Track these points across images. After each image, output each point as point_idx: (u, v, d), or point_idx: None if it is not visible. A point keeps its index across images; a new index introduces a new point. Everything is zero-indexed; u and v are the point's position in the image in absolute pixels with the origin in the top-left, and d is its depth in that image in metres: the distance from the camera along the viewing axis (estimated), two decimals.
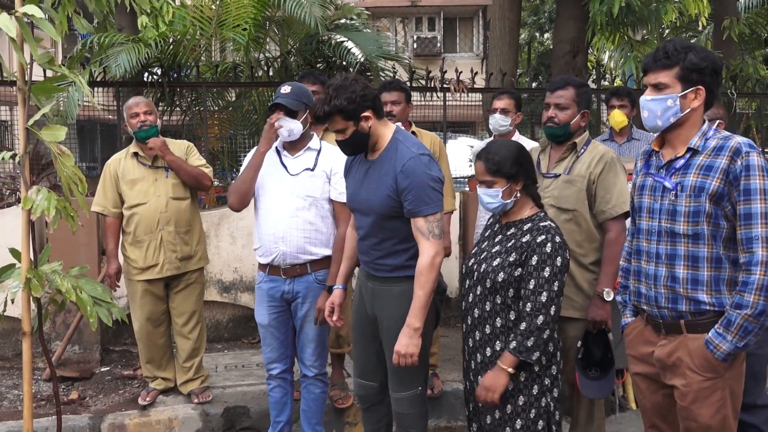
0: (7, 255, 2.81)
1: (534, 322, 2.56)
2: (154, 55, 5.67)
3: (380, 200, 2.82)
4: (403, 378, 2.94)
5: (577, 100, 3.21)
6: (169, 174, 4.09)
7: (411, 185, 2.73)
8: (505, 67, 6.90)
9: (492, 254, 2.73)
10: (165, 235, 4.06)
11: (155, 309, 4.14)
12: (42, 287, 2.72)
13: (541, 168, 3.30)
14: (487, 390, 2.62)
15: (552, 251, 2.59)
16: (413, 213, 2.75)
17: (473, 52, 20.57)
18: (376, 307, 2.99)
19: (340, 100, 2.75)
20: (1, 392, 4.55)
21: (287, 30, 6.31)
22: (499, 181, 2.69)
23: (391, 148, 2.84)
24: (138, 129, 4.03)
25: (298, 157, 3.47)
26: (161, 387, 4.26)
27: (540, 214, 2.75)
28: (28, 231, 2.71)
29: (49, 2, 2.70)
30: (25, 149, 2.67)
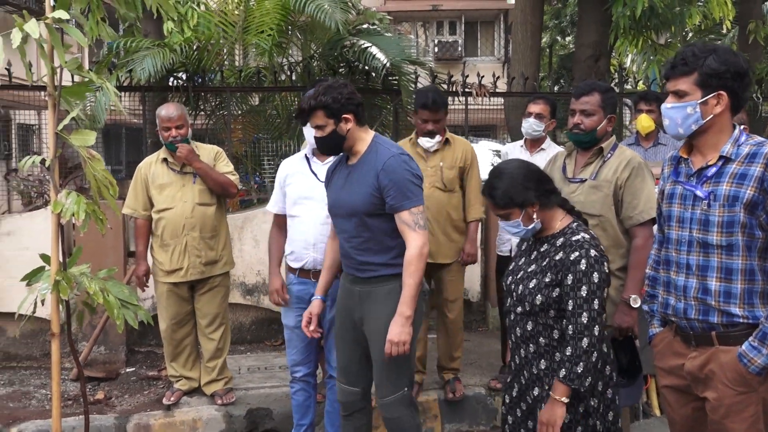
0: (38, 256, 2.87)
1: (579, 346, 2.43)
2: (179, 60, 5.74)
3: (363, 199, 2.90)
4: (391, 379, 2.97)
5: (603, 106, 3.18)
6: (196, 180, 4.15)
7: (392, 181, 2.84)
8: (527, 71, 6.87)
9: (528, 274, 2.62)
10: (190, 240, 4.12)
11: (180, 310, 4.20)
12: (71, 289, 2.78)
13: (566, 172, 3.29)
14: (546, 425, 2.49)
15: (587, 268, 2.46)
16: (397, 208, 2.86)
17: (494, 56, 20.51)
18: (364, 309, 3.01)
19: (326, 97, 2.90)
20: (29, 391, 4.63)
21: (310, 35, 6.35)
22: (513, 211, 2.60)
23: (371, 150, 2.96)
24: (169, 143, 4.11)
25: (327, 163, 3.46)
26: (185, 387, 4.31)
27: (572, 225, 2.62)
28: (58, 234, 2.76)
29: (78, 9, 2.75)
30: (54, 153, 2.72)
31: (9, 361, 5.22)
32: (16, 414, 4.22)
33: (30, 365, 5.19)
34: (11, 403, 4.43)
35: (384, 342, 2.87)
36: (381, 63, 5.68)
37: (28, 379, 4.88)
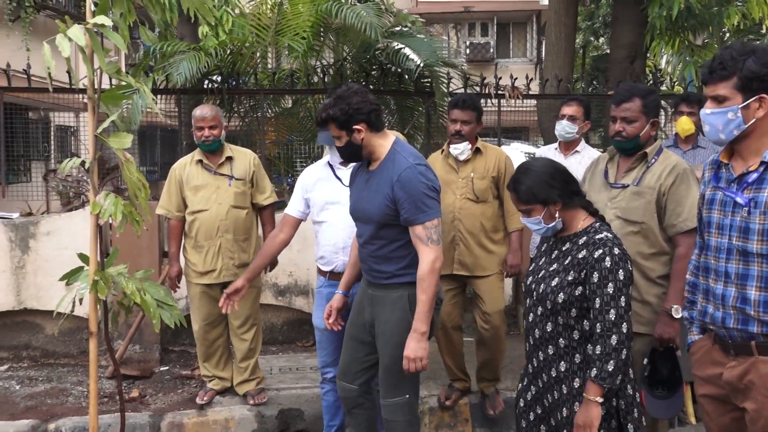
0: (76, 255, 2.93)
1: (608, 344, 2.41)
2: (214, 63, 5.81)
3: (377, 208, 2.89)
4: (393, 384, 3.00)
5: (645, 111, 3.07)
6: (232, 182, 4.17)
7: (407, 194, 2.80)
8: (561, 73, 6.81)
9: (550, 273, 2.61)
10: (224, 242, 4.15)
11: (213, 311, 4.23)
12: (108, 289, 2.82)
13: (608, 177, 3.20)
14: (583, 428, 2.46)
15: (612, 265, 2.44)
16: (411, 221, 2.82)
17: (527, 58, 20.37)
18: (374, 312, 3.05)
19: (335, 110, 2.87)
20: (66, 388, 4.72)
21: (343, 38, 6.38)
22: (535, 208, 2.59)
23: (389, 158, 2.91)
24: (201, 142, 4.15)
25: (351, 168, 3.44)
26: (218, 387, 4.35)
27: (595, 224, 2.61)
28: (96, 234, 2.81)
29: (117, 14, 2.80)
30: (94, 156, 2.77)
31: (47, 358, 5.34)
32: (53, 410, 4.31)
33: (67, 362, 5.30)
34: (49, 399, 4.52)
35: (389, 346, 2.93)
36: (414, 65, 5.67)
37: (66, 376, 4.97)
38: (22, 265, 5.18)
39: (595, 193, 3.23)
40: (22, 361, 5.29)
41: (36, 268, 5.18)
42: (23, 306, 5.21)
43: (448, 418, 4.32)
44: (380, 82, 6.20)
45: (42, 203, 7.43)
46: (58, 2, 13.23)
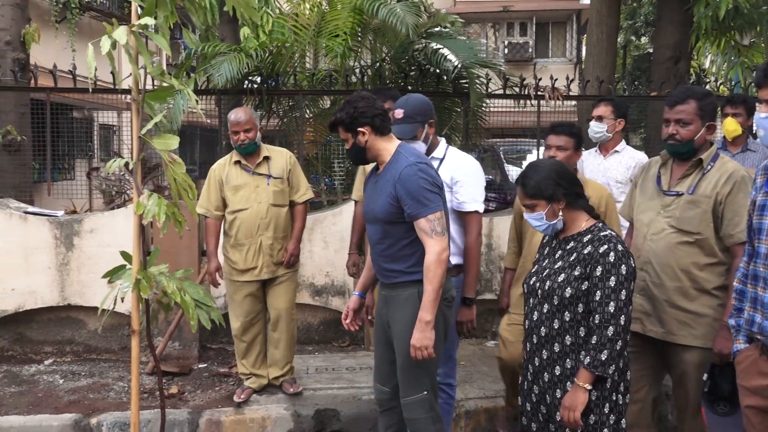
0: (118, 253, 2.97)
1: (605, 334, 2.51)
2: (254, 64, 5.85)
3: (382, 207, 3.00)
4: (410, 381, 3.06)
5: (701, 114, 2.96)
6: (270, 181, 4.25)
7: (408, 190, 2.90)
8: (603, 74, 6.71)
9: (555, 270, 2.68)
10: (264, 240, 4.22)
11: (252, 308, 4.31)
12: (150, 288, 2.86)
13: (661, 184, 3.10)
14: (568, 409, 2.57)
15: (616, 260, 2.53)
16: (414, 216, 2.91)
17: (566, 58, 20.10)
18: (389, 313, 3.12)
19: (342, 113, 3.04)
20: (108, 383, 4.81)
21: (381, 38, 6.37)
22: (539, 203, 2.70)
23: (392, 160, 3.04)
24: (238, 146, 4.23)
25: None
26: (255, 385, 4.40)
27: (598, 224, 2.70)
28: (140, 234, 2.85)
29: (162, 16, 2.84)
30: (137, 157, 2.81)
31: (90, 353, 5.45)
32: (95, 405, 4.39)
33: (109, 358, 5.40)
34: (91, 394, 4.61)
35: (403, 345, 2.99)
36: (452, 66, 5.64)
37: (107, 371, 5.07)
38: (66, 262, 5.29)
39: (647, 199, 3.15)
40: (66, 356, 5.41)
41: (80, 264, 5.29)
42: (67, 302, 5.33)
43: (485, 421, 4.29)
44: (418, 83, 6.17)
45: (85, 201, 7.58)
46: (102, 3, 13.49)
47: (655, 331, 3.05)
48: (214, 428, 4.14)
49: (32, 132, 6.55)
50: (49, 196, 6.33)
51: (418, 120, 3.40)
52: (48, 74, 5.98)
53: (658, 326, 3.04)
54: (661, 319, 3.03)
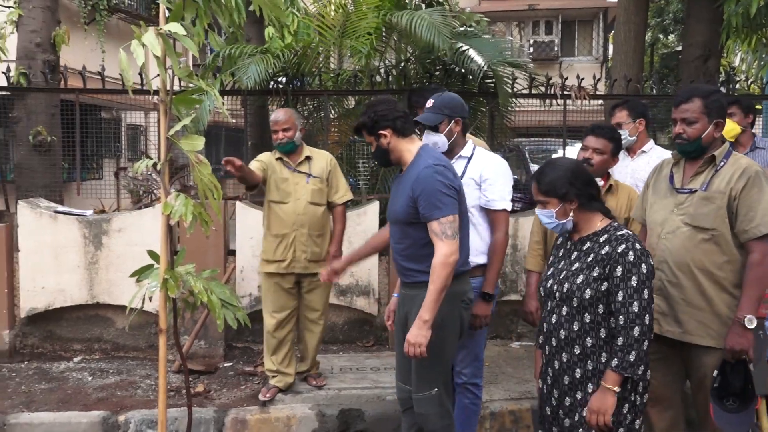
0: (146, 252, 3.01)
1: (631, 335, 2.48)
2: (280, 65, 5.89)
3: (401, 208, 3.09)
4: (422, 378, 3.12)
5: (707, 111, 2.95)
6: (309, 180, 4.35)
7: (423, 192, 2.97)
8: (630, 73, 6.63)
9: (573, 272, 2.66)
10: (299, 235, 4.32)
11: (286, 304, 4.38)
12: (177, 288, 2.89)
13: (674, 182, 3.10)
14: (597, 413, 2.54)
15: (635, 259, 2.51)
16: (427, 217, 2.97)
17: (592, 56, 19.93)
18: (407, 312, 3.19)
19: (365, 117, 3.16)
20: (135, 381, 4.87)
21: (406, 38, 6.36)
22: (551, 201, 2.70)
23: (413, 162, 3.13)
24: (277, 144, 4.35)
25: (460, 159, 3.53)
26: (281, 384, 4.43)
27: (614, 224, 2.68)
28: (167, 234, 2.88)
29: (189, 19, 2.86)
30: (165, 158, 2.84)
31: (117, 351, 5.52)
32: (123, 402, 4.45)
33: (136, 356, 5.46)
34: (119, 391, 4.67)
35: None
36: (478, 65, 5.61)
37: (135, 369, 5.13)
38: (95, 261, 5.36)
39: (660, 198, 3.13)
40: (94, 354, 5.48)
41: (108, 263, 5.36)
42: (95, 300, 5.40)
43: (510, 423, 4.26)
44: (443, 83, 6.15)
45: (113, 200, 7.68)
46: (130, 5, 13.66)
47: (672, 332, 3.02)
48: (240, 427, 4.17)
49: (62, 132, 6.65)
50: (78, 195, 6.42)
51: (444, 112, 3.44)
52: (77, 75, 6.07)
53: (675, 326, 3.01)
54: (679, 319, 3.00)
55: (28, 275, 5.34)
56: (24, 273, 5.34)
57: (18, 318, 5.42)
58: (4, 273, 5.27)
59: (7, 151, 7.31)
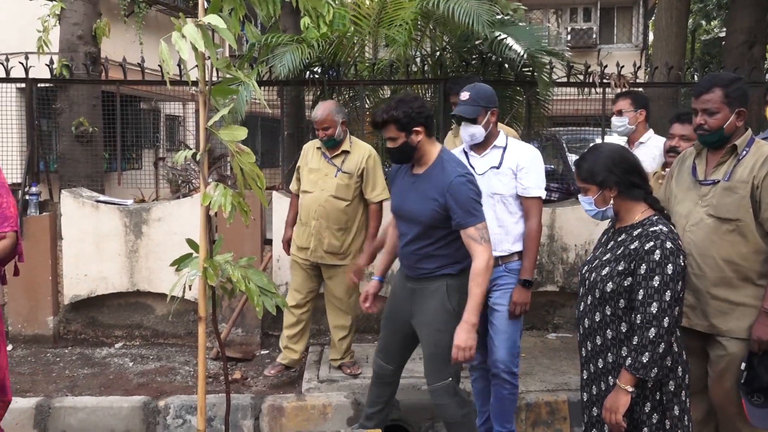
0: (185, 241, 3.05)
1: (645, 336, 2.44)
2: (315, 55, 5.90)
3: (427, 212, 3.16)
4: (436, 369, 3.26)
5: (728, 101, 2.88)
6: (338, 174, 4.38)
7: (459, 201, 3.08)
8: (672, 60, 6.50)
9: (602, 262, 2.64)
10: (317, 225, 4.39)
11: (304, 285, 4.52)
12: (216, 276, 2.93)
13: (697, 174, 3.02)
14: (609, 411, 2.53)
15: (661, 258, 2.44)
16: (464, 225, 3.09)
17: (632, 43, 19.54)
18: (414, 304, 3.31)
19: (398, 112, 3.13)
20: (175, 367, 4.96)
21: (443, 27, 6.31)
22: (590, 188, 2.67)
23: (437, 165, 3.19)
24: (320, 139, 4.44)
25: (485, 156, 3.60)
26: (286, 361, 4.60)
27: (652, 218, 2.60)
28: (206, 224, 2.91)
29: (226, 10, 2.88)
30: (204, 148, 2.87)
31: (157, 338, 5.63)
32: (163, 388, 4.54)
33: (175, 342, 5.57)
34: (159, 377, 4.76)
35: (430, 334, 3.23)
36: (515, 54, 5.55)
37: (174, 356, 5.22)
38: (135, 249, 5.47)
39: (683, 191, 3.07)
40: (135, 340, 5.60)
41: (148, 252, 5.46)
42: (136, 288, 5.51)
43: (546, 415, 4.24)
44: (480, 72, 6.10)
45: (152, 190, 7.81)
46: None
47: (700, 325, 2.97)
48: (276, 414, 4.22)
49: (103, 123, 6.77)
50: (119, 185, 6.54)
51: (481, 104, 3.49)
52: (117, 67, 6.17)
53: (702, 319, 2.96)
54: (705, 312, 2.95)
55: (71, 263, 5.47)
56: (67, 261, 5.48)
57: (62, 305, 5.56)
58: (49, 261, 5.41)
59: (51, 142, 7.47)
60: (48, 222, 5.45)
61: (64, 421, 4.19)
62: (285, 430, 4.19)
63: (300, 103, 7.16)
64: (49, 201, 5.89)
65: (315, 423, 4.19)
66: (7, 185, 3.13)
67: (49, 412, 4.20)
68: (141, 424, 4.19)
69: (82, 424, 4.18)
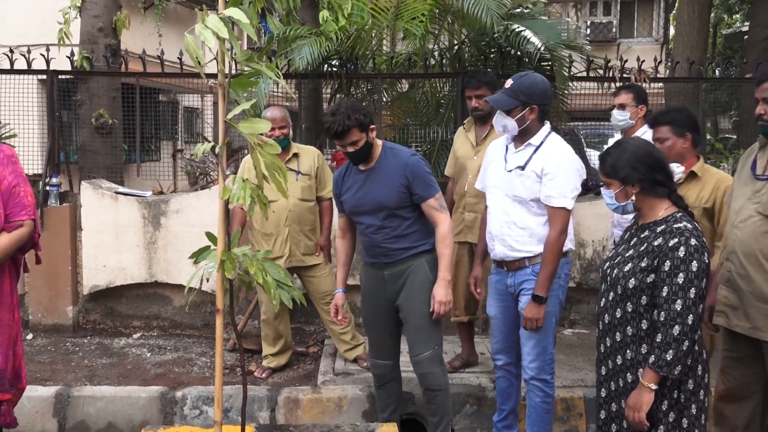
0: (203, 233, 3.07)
1: (670, 333, 2.41)
2: (333, 48, 5.89)
3: (393, 195, 3.39)
4: (423, 339, 3.46)
5: None
6: (299, 177, 4.46)
7: (418, 176, 3.37)
8: (693, 55, 6.43)
9: (625, 259, 2.61)
10: (291, 230, 4.46)
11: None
12: (234, 269, 2.94)
13: (756, 169, 2.92)
14: (632, 409, 2.51)
15: (686, 255, 2.41)
16: (425, 197, 3.38)
17: (652, 37, 19.32)
18: (394, 286, 3.51)
19: (358, 115, 3.32)
20: (192, 358, 5.00)
21: (461, 21, 6.28)
22: (612, 182, 2.66)
23: (386, 154, 3.46)
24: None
25: (519, 152, 3.44)
26: (273, 365, 4.66)
27: (676, 214, 2.56)
28: (225, 217, 2.92)
29: (247, 3, 2.88)
30: (223, 141, 2.88)
31: (174, 328, 5.67)
32: (180, 378, 4.58)
33: (192, 333, 5.61)
34: (176, 368, 4.80)
35: (418, 305, 3.42)
36: (534, 48, 5.51)
37: (191, 347, 5.27)
38: (153, 241, 5.51)
39: (740, 186, 2.99)
40: (152, 330, 5.65)
41: (166, 243, 5.50)
42: (154, 279, 5.55)
43: (562, 411, 4.23)
44: (498, 66, 6.06)
45: (171, 182, 7.85)
46: None
47: (741, 326, 2.89)
48: (293, 406, 4.25)
49: (122, 115, 6.81)
50: (138, 177, 6.59)
51: (519, 98, 3.31)
52: (136, 59, 6.20)
53: (744, 321, 2.87)
54: (748, 314, 2.85)
55: (91, 253, 5.52)
56: (87, 251, 5.53)
57: (81, 295, 5.62)
58: (68, 251, 5.47)
59: (71, 133, 7.52)
60: (68, 213, 5.51)
61: (83, 410, 4.24)
62: (300, 422, 4.21)
63: (317, 97, 7.17)
64: (69, 192, 5.94)
65: (330, 416, 4.20)
66: (25, 175, 3.16)
67: (69, 401, 4.26)
68: (158, 414, 4.23)
69: (101, 413, 4.23)
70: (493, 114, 4.42)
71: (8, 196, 3.01)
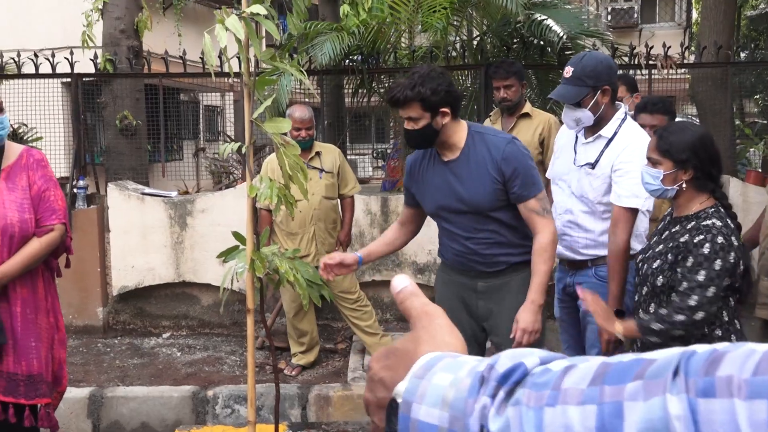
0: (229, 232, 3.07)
1: (672, 315, 2.35)
2: (355, 43, 5.87)
3: (485, 195, 2.73)
4: None
5: None
6: (322, 175, 4.47)
7: (518, 170, 2.68)
8: (720, 39, 6.29)
9: (655, 254, 2.54)
10: (317, 229, 4.48)
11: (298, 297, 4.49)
12: (264, 268, 2.94)
13: None
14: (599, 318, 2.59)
15: (710, 253, 2.30)
16: (524, 197, 2.71)
17: (674, 22, 19.01)
18: (490, 303, 2.88)
19: (425, 89, 2.64)
20: (221, 357, 5.02)
21: (482, 11, 6.22)
22: (665, 162, 2.44)
23: (474, 140, 2.76)
24: (297, 141, 4.32)
25: (589, 144, 3.03)
26: (302, 362, 4.68)
27: (709, 209, 2.41)
28: (252, 216, 2.92)
29: (269, 1, 2.87)
30: (250, 141, 2.87)
31: (203, 327, 5.70)
32: (210, 378, 4.60)
33: (221, 332, 5.64)
34: (206, 367, 4.83)
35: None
36: (557, 37, 5.44)
37: (220, 346, 5.29)
38: (180, 241, 5.54)
39: None
40: (181, 330, 5.69)
41: (193, 243, 5.52)
42: (182, 279, 5.59)
43: None
44: (522, 56, 6.00)
45: (194, 181, 7.90)
46: None
47: None
48: (323, 403, 4.25)
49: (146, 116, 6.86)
50: (163, 177, 6.63)
51: (587, 84, 2.88)
52: (158, 60, 6.23)
53: None
54: None
55: (119, 255, 5.57)
56: (115, 252, 5.58)
57: (110, 296, 5.67)
58: (97, 253, 5.52)
59: (96, 135, 7.59)
60: (96, 215, 5.55)
61: (116, 411, 4.28)
62: (332, 419, 4.21)
63: (339, 93, 7.14)
64: (96, 194, 6.00)
65: (361, 412, 4.19)
66: (55, 179, 3.17)
67: (102, 402, 4.30)
68: (191, 413, 4.25)
69: (134, 413, 4.27)
70: (521, 104, 4.36)
71: (38, 201, 3.02)
